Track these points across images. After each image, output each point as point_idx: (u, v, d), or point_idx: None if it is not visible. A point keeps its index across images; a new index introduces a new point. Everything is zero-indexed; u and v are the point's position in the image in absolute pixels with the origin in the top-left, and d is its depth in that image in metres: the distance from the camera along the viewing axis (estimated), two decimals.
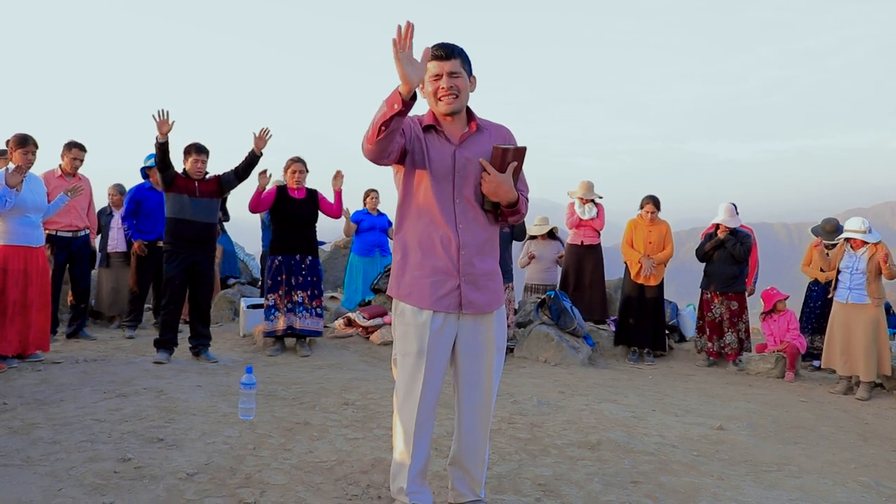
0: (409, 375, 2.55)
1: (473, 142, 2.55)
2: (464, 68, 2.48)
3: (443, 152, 2.52)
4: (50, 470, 3.03)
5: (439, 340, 2.54)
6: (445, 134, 2.53)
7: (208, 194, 5.84)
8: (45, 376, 4.89)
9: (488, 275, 2.59)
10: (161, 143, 5.47)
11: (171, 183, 5.69)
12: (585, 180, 8.46)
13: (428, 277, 2.52)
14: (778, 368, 6.93)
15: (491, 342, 2.62)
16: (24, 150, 5.30)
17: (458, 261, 2.52)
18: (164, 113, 5.40)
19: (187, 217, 5.72)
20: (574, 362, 6.86)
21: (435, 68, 2.45)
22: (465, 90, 2.50)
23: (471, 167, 2.51)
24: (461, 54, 2.47)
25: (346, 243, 11.35)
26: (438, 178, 2.51)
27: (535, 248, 8.52)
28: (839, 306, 6.27)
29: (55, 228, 6.47)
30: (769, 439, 4.42)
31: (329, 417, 4.17)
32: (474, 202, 2.53)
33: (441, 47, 2.44)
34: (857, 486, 3.57)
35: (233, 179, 5.96)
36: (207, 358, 5.88)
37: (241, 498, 2.86)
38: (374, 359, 6.49)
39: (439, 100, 2.48)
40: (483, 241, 2.57)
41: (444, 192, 2.51)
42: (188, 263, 5.76)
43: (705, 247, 7.44)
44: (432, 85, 2.48)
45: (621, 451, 3.82)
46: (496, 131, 2.62)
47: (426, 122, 2.54)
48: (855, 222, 6.33)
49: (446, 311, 2.53)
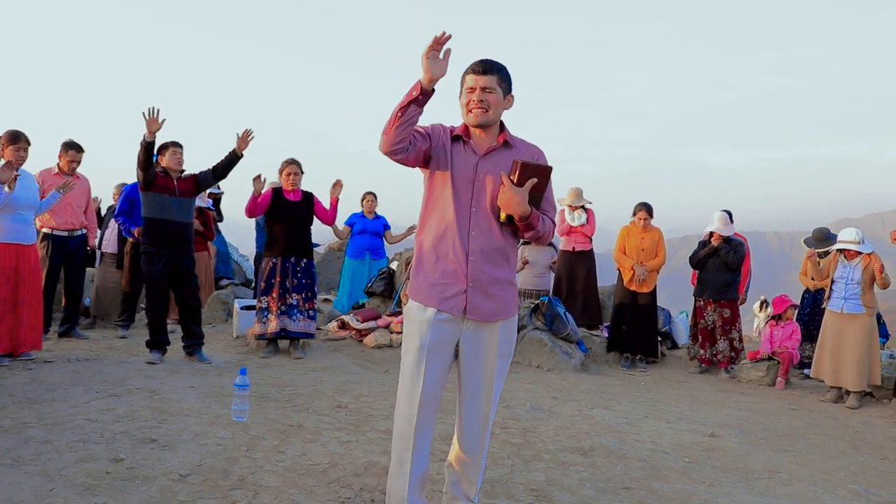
0: (411, 375, 2.56)
1: (498, 155, 2.58)
2: (500, 86, 2.54)
3: (466, 162, 2.57)
4: (41, 470, 3.02)
5: (441, 336, 2.55)
6: (472, 145, 2.59)
7: (187, 193, 5.80)
8: (36, 375, 4.87)
9: (498, 283, 2.59)
10: (149, 142, 5.38)
11: (152, 182, 5.60)
12: (574, 187, 8.49)
13: (437, 280, 2.56)
14: (769, 376, 6.97)
15: (493, 349, 2.62)
16: (16, 146, 5.28)
17: (466, 266, 2.54)
18: (154, 111, 5.29)
19: (168, 217, 5.65)
20: (567, 368, 6.87)
21: (471, 81, 2.53)
22: (498, 106, 2.55)
23: (490, 179, 2.56)
24: (500, 72, 2.54)
25: (340, 245, 11.36)
26: (459, 186, 2.56)
27: (528, 254, 8.54)
28: (832, 316, 6.31)
29: (51, 227, 6.43)
30: (760, 447, 4.44)
31: (322, 420, 4.16)
32: (490, 212, 2.57)
33: (481, 63, 2.52)
34: (846, 494, 3.59)
35: (210, 178, 5.89)
36: (201, 359, 5.86)
37: (234, 500, 2.86)
38: (367, 362, 6.48)
39: (469, 111, 2.54)
40: (495, 251, 2.58)
41: (463, 200, 2.56)
42: (172, 265, 5.71)
43: (699, 254, 7.48)
44: (466, 97, 2.55)
45: (613, 457, 3.84)
46: (524, 149, 2.65)
47: (456, 132, 2.61)
48: (849, 233, 6.38)
49: (451, 312, 2.55)
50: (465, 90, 2.56)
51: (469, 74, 2.54)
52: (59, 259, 6.50)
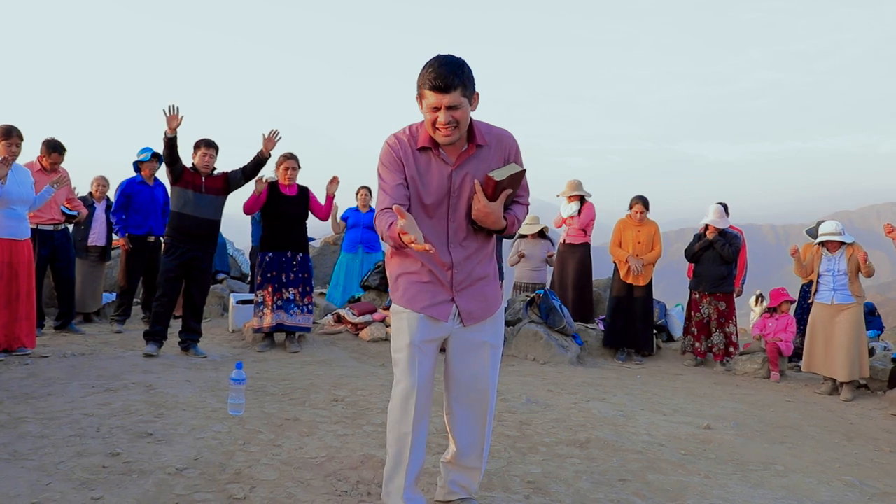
0: (404, 370, 2.52)
1: (471, 161, 2.47)
2: (464, 95, 2.31)
3: (439, 175, 2.45)
4: (38, 464, 3.02)
5: (430, 333, 2.52)
6: (443, 155, 2.45)
7: (214, 191, 5.84)
8: (32, 370, 4.86)
9: (482, 280, 2.57)
10: (170, 138, 5.52)
11: (179, 177, 5.71)
12: (572, 179, 8.48)
13: (421, 291, 2.51)
14: (764, 369, 7.01)
15: (486, 342, 2.60)
16: (9, 141, 5.26)
17: (451, 278, 2.51)
18: (174, 108, 5.49)
19: (189, 212, 5.74)
20: (563, 361, 6.89)
21: (433, 100, 2.30)
22: (465, 119, 2.37)
23: (466, 186, 2.47)
24: (461, 82, 2.29)
25: (336, 239, 11.36)
26: (434, 200, 2.46)
27: (524, 247, 8.53)
28: (822, 308, 6.34)
29: (36, 222, 6.39)
30: (755, 439, 4.46)
31: (319, 413, 4.17)
32: (468, 222, 2.50)
33: (441, 78, 2.26)
34: (841, 485, 3.61)
35: (240, 178, 5.98)
36: (196, 353, 5.86)
37: (231, 493, 2.86)
38: (363, 355, 6.49)
39: (437, 130, 2.36)
40: (475, 254, 2.55)
41: (439, 214, 2.48)
42: (186, 258, 5.76)
43: (694, 247, 7.49)
44: (430, 115, 2.35)
45: (609, 450, 3.85)
46: (497, 143, 2.51)
47: (422, 143, 2.45)
48: (829, 225, 6.47)
49: (440, 318, 2.51)
50: (426, 106, 2.34)
51: (429, 91, 2.30)
52: (46, 253, 6.46)
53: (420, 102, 2.38)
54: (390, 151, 2.46)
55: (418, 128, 2.48)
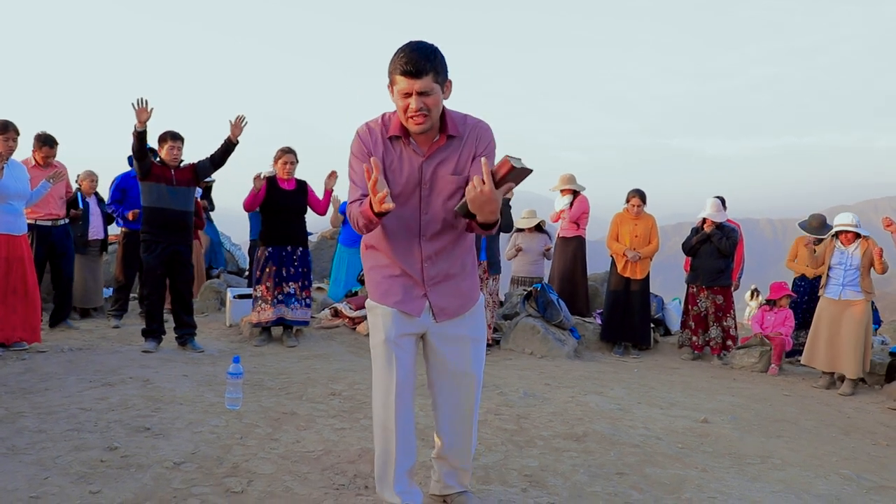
0: (382, 368, 2.49)
1: (443, 152, 2.41)
2: (436, 81, 2.25)
3: (410, 165, 2.40)
4: (36, 458, 3.02)
5: (406, 328, 2.48)
6: (413, 145, 2.39)
7: (185, 182, 5.80)
8: (29, 365, 4.86)
9: (457, 277, 2.53)
10: (140, 132, 5.41)
11: (148, 172, 5.63)
12: (565, 173, 8.51)
13: (394, 285, 2.48)
14: (762, 363, 7.00)
15: (466, 336, 2.55)
16: (5, 136, 5.24)
17: (422, 272, 2.46)
18: (143, 101, 5.34)
19: (165, 206, 5.69)
20: (560, 355, 6.90)
21: (404, 85, 2.23)
22: (437, 105, 2.29)
23: (438, 179, 2.40)
24: (433, 67, 2.22)
25: (333, 234, 11.35)
26: (403, 190, 2.40)
27: (521, 241, 8.54)
28: (828, 302, 6.29)
29: (34, 218, 6.36)
30: (753, 432, 4.47)
31: (316, 407, 4.17)
32: (442, 215, 2.44)
33: (412, 63, 2.20)
34: (838, 479, 3.62)
35: (208, 167, 5.90)
36: (193, 347, 5.86)
37: (228, 487, 2.86)
38: (360, 349, 6.49)
39: (409, 118, 2.29)
40: (450, 247, 2.49)
41: (411, 205, 2.43)
42: (168, 253, 5.74)
43: (692, 241, 7.49)
44: (401, 101, 2.28)
45: (607, 443, 3.86)
46: (471, 134, 2.43)
47: (392, 131, 2.39)
48: (846, 217, 6.35)
49: (412, 314, 2.48)
50: (397, 92, 2.27)
51: (399, 76, 2.23)
52: (44, 249, 6.45)
53: (391, 90, 2.31)
54: (359, 141, 2.42)
55: (391, 116, 2.43)
